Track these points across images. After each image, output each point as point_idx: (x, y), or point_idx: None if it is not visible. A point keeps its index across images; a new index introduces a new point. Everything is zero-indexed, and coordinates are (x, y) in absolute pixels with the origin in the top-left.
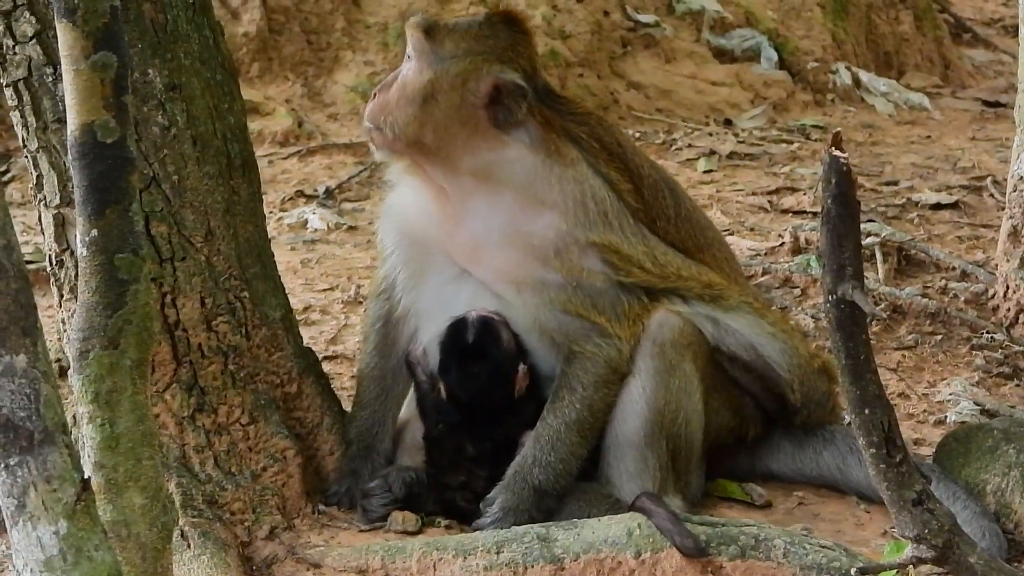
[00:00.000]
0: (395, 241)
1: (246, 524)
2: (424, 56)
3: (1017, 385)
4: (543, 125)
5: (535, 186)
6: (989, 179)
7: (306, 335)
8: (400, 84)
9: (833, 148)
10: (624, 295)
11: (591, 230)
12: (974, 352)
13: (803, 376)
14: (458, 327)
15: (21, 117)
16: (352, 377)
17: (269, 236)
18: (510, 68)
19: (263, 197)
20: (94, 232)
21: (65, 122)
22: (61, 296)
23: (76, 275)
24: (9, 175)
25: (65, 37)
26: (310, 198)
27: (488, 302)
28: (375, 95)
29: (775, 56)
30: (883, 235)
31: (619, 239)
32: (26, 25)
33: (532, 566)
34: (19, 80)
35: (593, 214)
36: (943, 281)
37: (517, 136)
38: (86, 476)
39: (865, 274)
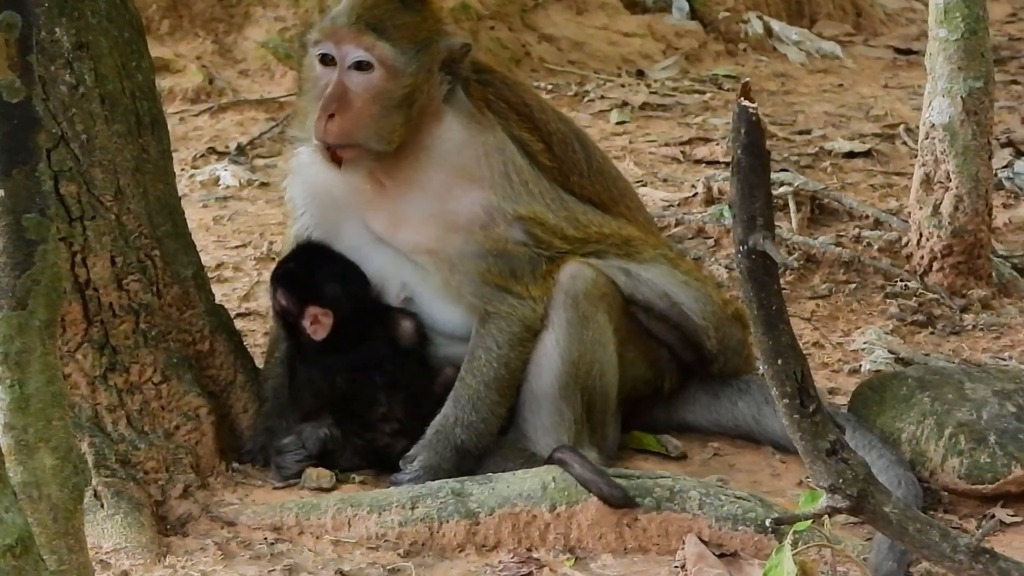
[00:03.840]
0: (306, 201)
1: (160, 483)
2: (390, 61)
3: (931, 333)
4: (466, 89)
5: (464, 160)
6: (902, 127)
7: (218, 292)
8: (372, 96)
9: (743, 98)
10: (541, 258)
11: (517, 203)
12: (888, 300)
13: (718, 323)
14: (294, 257)
15: None
16: (265, 334)
17: (180, 194)
18: (446, 32)
19: (174, 155)
20: (0, 193)
21: None
22: None
23: None
24: None
25: None
26: (222, 155)
27: (403, 267)
28: (330, 116)
29: (687, 6)
30: (796, 184)
31: (542, 209)
32: None
33: (447, 521)
34: None
35: (517, 185)
36: (856, 230)
37: (452, 105)
38: None
39: (778, 223)
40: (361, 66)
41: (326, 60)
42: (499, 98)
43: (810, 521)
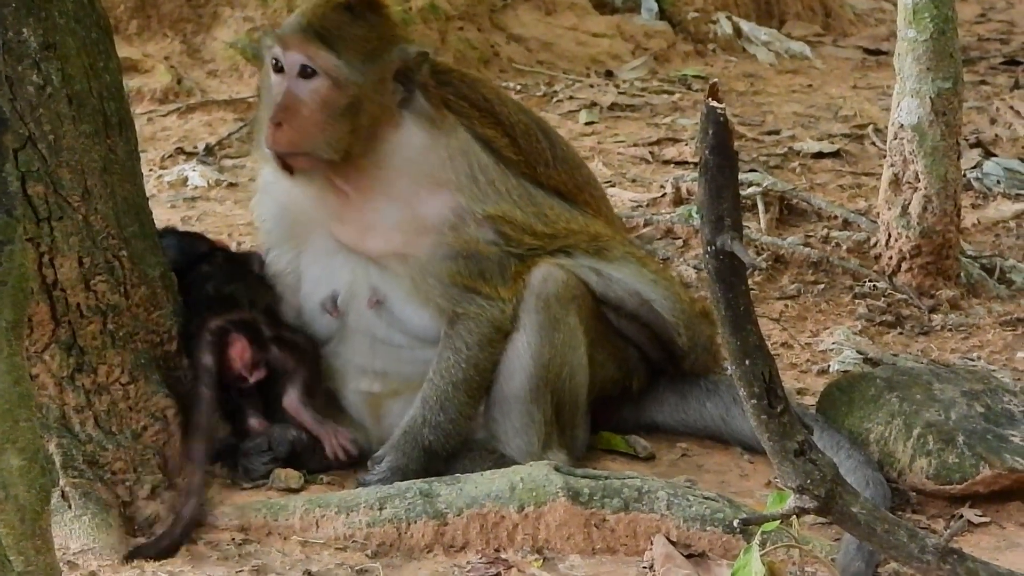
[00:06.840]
0: (274, 217)
1: (127, 484)
2: (333, 71)
3: (900, 333)
4: (425, 94)
5: (429, 164)
6: (870, 127)
7: None
8: (317, 104)
9: (711, 99)
10: (511, 258)
11: (486, 203)
12: (856, 301)
13: (688, 320)
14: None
15: None
16: None
17: (148, 194)
18: (402, 41)
19: (142, 155)
20: None
21: None
22: None
23: None
24: None
25: None
26: (190, 155)
27: (372, 273)
28: (277, 124)
29: (656, 7)
30: (765, 185)
31: (510, 207)
32: None
33: (415, 521)
34: None
35: (484, 185)
36: (825, 230)
37: (411, 110)
38: None
39: (747, 224)
40: (306, 72)
41: (277, 67)
42: (459, 97)
43: (778, 522)
